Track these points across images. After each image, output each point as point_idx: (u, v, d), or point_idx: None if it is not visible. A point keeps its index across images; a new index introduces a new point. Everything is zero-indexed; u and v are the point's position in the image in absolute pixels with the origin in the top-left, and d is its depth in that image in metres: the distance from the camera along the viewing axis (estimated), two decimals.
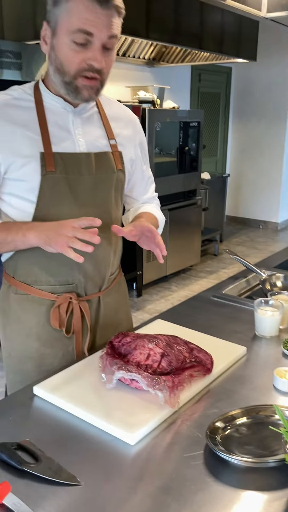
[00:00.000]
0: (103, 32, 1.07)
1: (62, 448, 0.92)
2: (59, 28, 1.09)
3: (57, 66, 1.12)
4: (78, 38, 1.07)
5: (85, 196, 1.22)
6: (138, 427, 0.95)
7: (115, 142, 1.28)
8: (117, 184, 1.29)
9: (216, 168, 6.81)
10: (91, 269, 1.27)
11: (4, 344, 1.35)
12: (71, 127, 1.21)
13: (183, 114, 4.24)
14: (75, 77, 1.11)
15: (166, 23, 3.50)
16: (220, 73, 6.46)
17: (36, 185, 1.16)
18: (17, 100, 1.18)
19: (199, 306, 1.61)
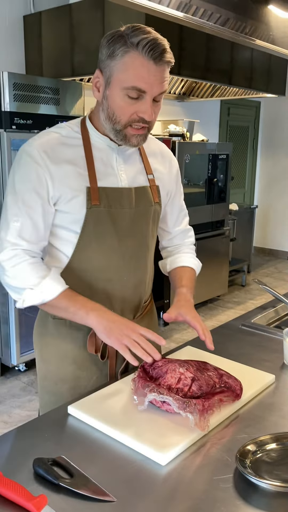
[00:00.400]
0: (155, 89, 1.14)
1: (95, 465, 0.95)
2: (113, 81, 1.15)
3: (109, 114, 1.19)
4: (132, 93, 1.13)
5: (125, 228, 1.29)
6: (169, 448, 0.97)
7: (152, 176, 1.35)
8: (154, 216, 1.36)
9: (244, 199, 6.86)
10: (127, 297, 1.34)
11: (39, 366, 1.40)
12: (114, 163, 1.28)
13: (212, 147, 4.33)
14: (125, 127, 1.18)
15: (198, 60, 3.63)
16: (249, 107, 6.59)
17: (81, 217, 1.22)
18: (65, 138, 1.24)
19: (228, 334, 1.64)
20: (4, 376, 3.25)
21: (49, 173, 1.19)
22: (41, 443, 1.03)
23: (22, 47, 3.68)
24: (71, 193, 1.21)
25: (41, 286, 1.19)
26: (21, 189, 1.20)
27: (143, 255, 1.36)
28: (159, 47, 1.12)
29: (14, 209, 1.20)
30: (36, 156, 1.19)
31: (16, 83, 2.81)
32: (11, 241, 1.20)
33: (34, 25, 3.60)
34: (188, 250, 1.53)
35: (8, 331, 3.15)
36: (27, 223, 1.20)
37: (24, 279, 1.20)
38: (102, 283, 1.29)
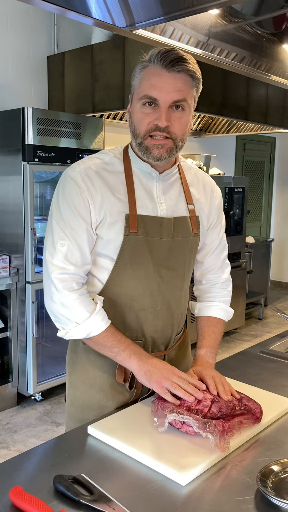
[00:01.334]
0: (167, 96, 1.15)
1: (115, 484, 0.95)
2: (134, 96, 1.21)
3: (132, 130, 1.22)
4: (146, 101, 1.16)
5: (162, 257, 1.27)
6: (190, 469, 0.97)
7: (193, 207, 1.33)
8: (191, 247, 1.33)
9: (260, 233, 6.88)
10: (160, 327, 1.32)
11: (68, 392, 1.39)
12: (154, 191, 1.27)
13: (228, 180, 4.40)
14: (145, 138, 1.19)
15: (214, 97, 3.74)
16: (265, 143, 6.69)
17: (119, 243, 1.22)
18: (107, 165, 1.25)
19: (247, 360, 1.63)
20: (20, 405, 3.24)
21: (91, 197, 1.20)
22: (62, 461, 1.03)
23: (45, 85, 3.85)
24: (110, 218, 1.21)
25: (88, 322, 1.19)
26: (65, 213, 1.20)
27: (179, 286, 1.34)
28: (172, 55, 1.14)
29: (59, 233, 1.20)
30: (79, 180, 1.20)
31: (39, 118, 2.93)
32: (59, 265, 1.20)
33: (58, 64, 3.77)
34: (220, 299, 1.45)
35: (25, 360, 3.16)
36: (73, 246, 1.20)
37: (72, 312, 1.19)
38: (135, 312, 1.28)
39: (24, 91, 3.71)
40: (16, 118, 2.93)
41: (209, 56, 2.28)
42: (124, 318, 1.28)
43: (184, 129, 1.21)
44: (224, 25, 2.11)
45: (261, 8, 1.89)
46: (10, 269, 3.10)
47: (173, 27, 1.78)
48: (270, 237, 6.86)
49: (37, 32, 3.74)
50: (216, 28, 2.01)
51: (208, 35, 2.17)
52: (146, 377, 1.17)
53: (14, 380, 3.19)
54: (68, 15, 1.29)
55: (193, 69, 1.18)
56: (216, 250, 1.43)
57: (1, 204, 3.14)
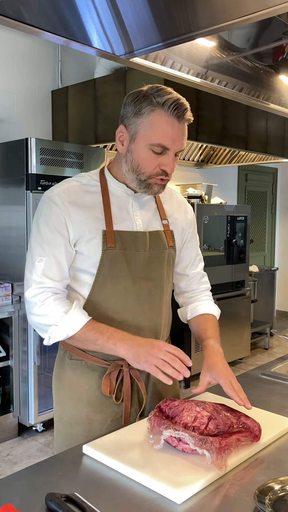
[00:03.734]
0: (177, 145, 1.23)
1: (109, 503, 0.93)
2: (139, 137, 1.24)
3: (133, 166, 1.27)
4: (156, 149, 1.22)
5: (140, 270, 1.33)
6: (185, 486, 0.95)
7: (167, 222, 1.41)
8: (168, 259, 1.40)
9: (264, 262, 6.87)
10: None
11: (56, 408, 1.40)
12: (130, 209, 1.34)
13: (230, 208, 4.43)
14: (150, 177, 1.26)
15: (214, 127, 3.82)
16: (266, 173, 6.77)
17: (97, 258, 1.28)
18: (85, 185, 1.32)
19: (248, 382, 1.61)
20: (21, 436, 3.18)
21: (69, 215, 1.26)
22: (55, 480, 1.01)
23: (49, 117, 3.95)
24: (88, 235, 1.27)
25: (65, 321, 1.22)
26: (44, 230, 1.26)
27: (158, 297, 1.38)
28: (183, 106, 1.21)
29: (38, 250, 1.26)
30: (57, 200, 1.27)
31: (43, 148, 2.99)
32: (36, 280, 1.25)
33: (61, 98, 3.88)
34: (206, 297, 1.54)
35: (26, 390, 3.12)
36: (50, 261, 1.25)
37: (49, 316, 1.23)
38: (117, 325, 1.30)
39: (29, 124, 3.81)
40: (19, 148, 3.00)
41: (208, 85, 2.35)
42: None
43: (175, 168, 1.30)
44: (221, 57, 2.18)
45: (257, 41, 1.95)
46: (13, 297, 3.10)
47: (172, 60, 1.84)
48: (274, 266, 6.85)
49: (42, 68, 3.87)
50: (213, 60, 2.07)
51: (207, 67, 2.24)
52: (135, 360, 1.17)
53: (15, 410, 3.14)
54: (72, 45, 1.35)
55: (192, 117, 1.25)
56: (195, 261, 1.53)
57: (5, 233, 3.18)
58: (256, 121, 4.25)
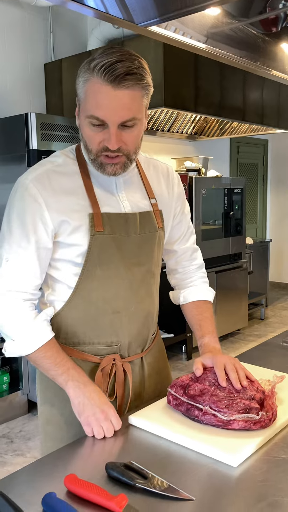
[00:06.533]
0: (116, 116, 1.06)
1: (165, 470, 0.95)
2: (80, 110, 1.11)
3: (83, 143, 1.15)
4: (94, 122, 1.08)
5: (131, 255, 1.22)
6: (240, 450, 0.97)
7: (155, 201, 1.28)
8: (159, 241, 1.29)
9: (256, 234, 6.92)
10: (136, 329, 1.27)
11: (42, 409, 1.31)
12: (114, 189, 1.22)
13: (227, 181, 4.43)
14: (97, 155, 1.12)
15: (212, 98, 3.79)
16: (257, 145, 6.76)
17: (85, 247, 1.16)
18: (61, 166, 1.18)
19: (270, 350, 1.64)
20: (31, 413, 3.21)
21: (46, 206, 1.13)
22: (107, 451, 1.03)
23: (43, 92, 3.86)
24: (73, 222, 1.15)
25: (21, 338, 1.13)
26: (14, 225, 1.14)
27: (151, 284, 1.29)
28: (117, 70, 1.02)
29: (6, 247, 1.14)
30: (31, 189, 1.13)
31: (43, 123, 2.94)
32: (2, 282, 1.14)
33: (55, 71, 3.80)
34: (200, 280, 1.43)
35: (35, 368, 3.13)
36: (19, 262, 1.13)
37: (6, 328, 1.15)
38: (109, 316, 1.22)
39: (23, 99, 3.72)
40: (19, 124, 2.94)
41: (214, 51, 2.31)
42: (98, 323, 1.22)
43: (137, 141, 1.14)
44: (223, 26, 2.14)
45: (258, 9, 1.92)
46: None
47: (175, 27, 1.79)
48: (266, 238, 6.91)
49: (33, 40, 3.76)
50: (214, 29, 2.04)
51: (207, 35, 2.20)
52: (78, 409, 1.10)
53: (24, 387, 3.16)
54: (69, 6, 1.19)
55: (142, 79, 1.07)
56: (185, 236, 1.41)
57: None
58: (252, 92, 4.22)
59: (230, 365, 1.14)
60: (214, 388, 1.10)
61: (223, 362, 1.15)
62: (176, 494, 0.87)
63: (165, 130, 4.51)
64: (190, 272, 1.43)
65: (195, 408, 1.08)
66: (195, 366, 1.17)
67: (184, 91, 3.46)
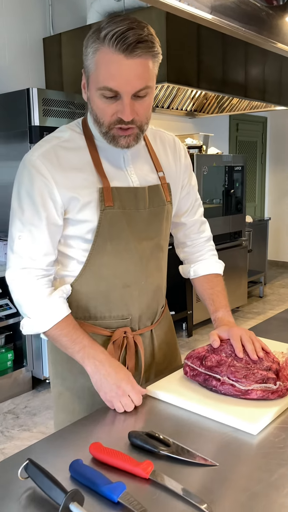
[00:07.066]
0: (130, 86, 1.04)
1: (185, 439, 0.96)
2: (90, 81, 1.08)
3: (94, 117, 1.12)
4: (106, 93, 1.05)
5: (140, 229, 1.22)
6: (259, 418, 0.99)
7: (163, 174, 1.27)
8: (167, 216, 1.29)
9: (254, 213, 6.92)
10: (146, 302, 1.28)
11: (54, 383, 1.33)
12: (122, 163, 1.21)
13: (228, 159, 4.41)
14: (110, 128, 1.10)
15: (215, 73, 3.74)
16: (257, 123, 6.71)
17: (95, 223, 1.16)
18: (68, 142, 1.17)
19: (280, 324, 1.66)
20: (35, 390, 3.25)
21: (55, 182, 1.12)
22: (126, 421, 1.05)
23: (42, 67, 3.80)
24: (83, 199, 1.14)
25: (37, 315, 1.13)
26: (25, 202, 1.13)
27: (160, 258, 1.30)
28: (129, 38, 0.99)
29: (18, 225, 1.14)
30: (39, 166, 1.12)
31: (45, 99, 2.90)
32: (16, 260, 1.14)
33: (54, 46, 3.73)
34: (209, 253, 1.44)
35: (39, 345, 3.16)
36: (32, 238, 1.13)
37: (23, 306, 1.15)
38: (120, 290, 1.23)
39: (21, 74, 3.66)
40: (20, 99, 2.90)
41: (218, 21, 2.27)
42: (108, 297, 1.23)
43: (149, 111, 1.12)
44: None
45: None
46: None
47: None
48: (265, 216, 6.92)
49: (32, 14, 3.68)
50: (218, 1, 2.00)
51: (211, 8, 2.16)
52: (97, 386, 1.11)
53: (28, 364, 3.19)
54: None
55: (153, 46, 1.04)
56: (193, 208, 1.40)
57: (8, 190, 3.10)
58: (254, 68, 4.17)
59: (246, 336, 1.16)
60: (231, 359, 1.11)
61: (239, 334, 1.17)
62: (200, 460, 0.89)
63: (164, 106, 4.47)
64: (199, 245, 1.44)
65: (212, 379, 1.10)
66: (212, 338, 1.18)
67: (187, 66, 3.41)
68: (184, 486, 0.81)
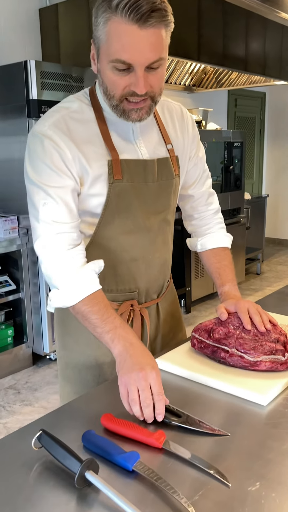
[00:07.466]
0: (143, 58, 0.99)
1: (194, 410, 0.97)
2: (101, 52, 1.03)
3: (104, 89, 1.09)
4: (119, 66, 1.01)
5: (149, 204, 1.21)
6: (268, 389, 1.00)
7: (171, 146, 1.25)
8: (175, 189, 1.28)
9: (252, 190, 6.89)
10: (153, 275, 1.29)
11: (61, 354, 1.32)
12: (131, 136, 1.18)
13: (227, 134, 4.36)
14: (121, 101, 1.07)
15: (215, 46, 3.67)
16: (255, 98, 6.63)
17: (103, 197, 1.14)
18: (77, 113, 1.14)
19: (283, 298, 1.66)
20: (35, 365, 3.27)
21: (69, 150, 1.09)
22: None
23: (38, 38, 3.71)
24: (92, 172, 1.12)
25: (67, 287, 1.08)
26: (44, 173, 1.08)
27: (167, 232, 1.30)
28: (142, 8, 0.95)
29: (40, 193, 1.09)
30: (51, 135, 1.08)
31: (43, 71, 2.84)
32: (44, 227, 1.09)
33: (51, 17, 3.63)
34: (217, 227, 1.42)
35: (39, 321, 3.17)
36: (56, 202, 1.08)
37: (54, 276, 1.09)
38: (127, 264, 1.22)
39: (17, 47, 3.57)
40: (18, 72, 2.84)
41: None
42: (116, 271, 1.23)
43: (162, 82, 1.08)
44: None
45: None
46: (19, 230, 3.06)
47: None
48: (263, 193, 6.89)
49: None
50: None
51: None
52: (119, 366, 1.00)
53: (29, 340, 3.20)
54: None
55: (166, 15, 1.00)
56: (201, 179, 1.37)
57: (7, 165, 3.07)
58: (255, 41, 4.09)
59: (253, 309, 1.16)
60: (239, 332, 1.11)
61: (247, 306, 1.17)
62: (211, 430, 0.90)
63: None
64: (206, 218, 1.42)
65: (221, 351, 1.10)
66: (220, 311, 1.18)
67: (187, 39, 3.34)
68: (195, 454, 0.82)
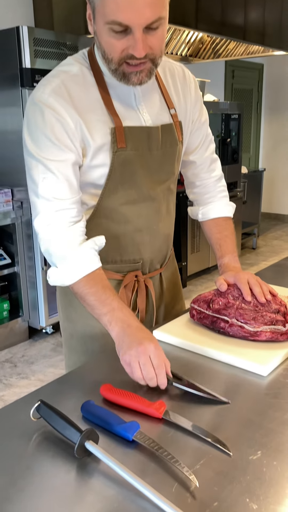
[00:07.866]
0: (141, 19, 0.93)
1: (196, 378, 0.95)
2: (96, 12, 0.97)
3: (101, 53, 1.02)
4: (115, 28, 0.95)
5: (153, 173, 1.18)
6: (268, 360, 0.99)
7: (175, 111, 1.20)
8: (178, 156, 1.24)
9: (249, 164, 6.83)
10: (158, 246, 1.28)
11: (65, 326, 1.31)
12: (133, 102, 1.13)
13: (225, 106, 4.29)
14: (120, 64, 1.01)
15: (214, 14, 3.56)
16: (253, 70, 6.51)
17: (107, 167, 1.10)
18: (78, 77, 1.07)
19: (282, 271, 1.65)
20: (32, 339, 3.27)
21: (71, 119, 1.04)
22: None
23: (30, 3, 3.58)
24: (94, 143, 1.07)
25: (65, 264, 1.05)
26: (43, 145, 1.03)
27: (170, 201, 1.27)
28: None
29: (39, 167, 1.04)
30: (53, 104, 1.03)
31: (36, 38, 2.75)
32: (44, 204, 1.05)
33: None
34: (219, 196, 1.38)
35: (35, 295, 3.16)
36: (56, 177, 1.04)
37: (53, 253, 1.06)
38: (131, 234, 1.20)
39: (7, 11, 3.45)
40: (10, 39, 2.75)
41: None
42: (120, 242, 1.21)
43: (162, 43, 1.02)
44: None
45: None
46: (14, 203, 3.02)
47: None
48: (259, 167, 6.83)
49: None
50: None
51: None
52: (119, 346, 0.98)
53: (25, 314, 3.20)
54: None
55: None
56: (203, 145, 1.32)
57: (1, 136, 3.00)
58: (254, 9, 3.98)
59: (253, 280, 1.15)
60: (239, 302, 1.10)
61: (246, 277, 1.16)
62: (211, 396, 0.89)
63: None
64: (208, 186, 1.38)
65: (221, 321, 1.09)
66: (219, 282, 1.16)
67: (185, 5, 3.23)
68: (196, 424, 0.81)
